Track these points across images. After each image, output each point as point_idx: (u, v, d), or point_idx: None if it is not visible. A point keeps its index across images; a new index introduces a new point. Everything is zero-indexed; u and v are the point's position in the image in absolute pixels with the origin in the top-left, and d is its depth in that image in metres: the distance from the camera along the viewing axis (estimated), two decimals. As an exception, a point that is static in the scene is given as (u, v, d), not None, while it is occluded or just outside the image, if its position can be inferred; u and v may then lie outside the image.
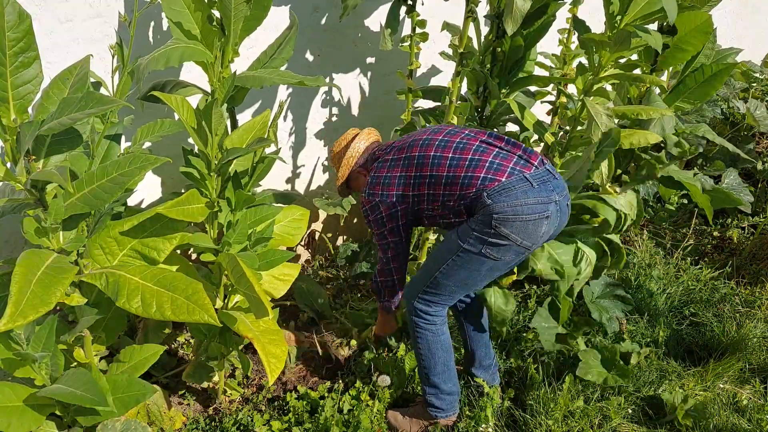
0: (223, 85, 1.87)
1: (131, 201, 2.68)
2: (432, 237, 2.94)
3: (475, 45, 2.78)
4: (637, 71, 2.84)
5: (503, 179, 1.95)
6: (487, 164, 1.98)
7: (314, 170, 3.28)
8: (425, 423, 2.35)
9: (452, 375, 2.29)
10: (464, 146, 2.05)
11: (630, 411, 2.40)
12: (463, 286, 2.13)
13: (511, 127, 3.28)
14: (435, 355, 2.24)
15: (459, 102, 2.77)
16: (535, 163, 2.02)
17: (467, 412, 2.36)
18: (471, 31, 2.70)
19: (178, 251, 2.14)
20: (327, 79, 3.08)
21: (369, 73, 3.20)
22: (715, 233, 3.67)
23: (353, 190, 2.38)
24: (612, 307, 2.84)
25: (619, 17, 2.45)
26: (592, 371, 2.47)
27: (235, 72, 1.98)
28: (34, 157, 1.63)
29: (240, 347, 2.36)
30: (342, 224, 3.47)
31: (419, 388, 2.51)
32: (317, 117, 3.15)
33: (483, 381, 2.41)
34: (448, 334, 2.25)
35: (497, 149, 2.05)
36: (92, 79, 1.96)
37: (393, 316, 2.48)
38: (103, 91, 2.07)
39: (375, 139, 2.33)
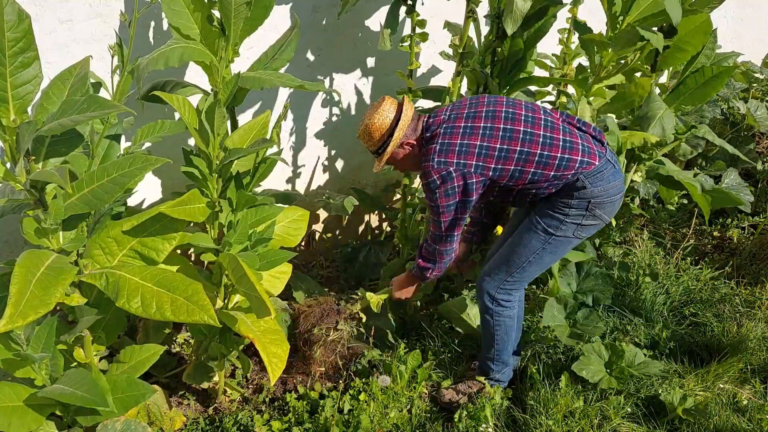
0: (227, 86, 1.87)
1: (131, 201, 2.68)
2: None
3: (476, 45, 2.77)
4: (638, 74, 2.84)
5: (596, 162, 2.04)
6: (580, 147, 2.05)
7: (314, 170, 3.28)
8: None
9: None
10: (552, 125, 2.08)
11: (630, 411, 2.40)
12: (543, 269, 2.26)
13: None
14: (510, 336, 2.35)
15: (459, 102, 2.77)
16: (605, 143, 2.15)
17: (466, 412, 2.36)
18: (471, 32, 2.70)
19: (179, 251, 2.14)
20: (327, 80, 3.08)
21: (369, 74, 3.20)
22: (715, 233, 3.67)
23: (392, 164, 2.24)
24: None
25: (621, 17, 2.45)
26: (589, 368, 2.46)
27: (239, 73, 1.98)
28: (33, 158, 1.62)
29: (240, 347, 2.36)
30: (343, 225, 3.47)
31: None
32: (317, 117, 3.15)
33: (485, 381, 2.42)
34: None
35: (577, 130, 2.12)
36: (92, 80, 1.96)
37: (419, 285, 2.47)
38: (102, 90, 2.07)
39: (414, 106, 2.19)
